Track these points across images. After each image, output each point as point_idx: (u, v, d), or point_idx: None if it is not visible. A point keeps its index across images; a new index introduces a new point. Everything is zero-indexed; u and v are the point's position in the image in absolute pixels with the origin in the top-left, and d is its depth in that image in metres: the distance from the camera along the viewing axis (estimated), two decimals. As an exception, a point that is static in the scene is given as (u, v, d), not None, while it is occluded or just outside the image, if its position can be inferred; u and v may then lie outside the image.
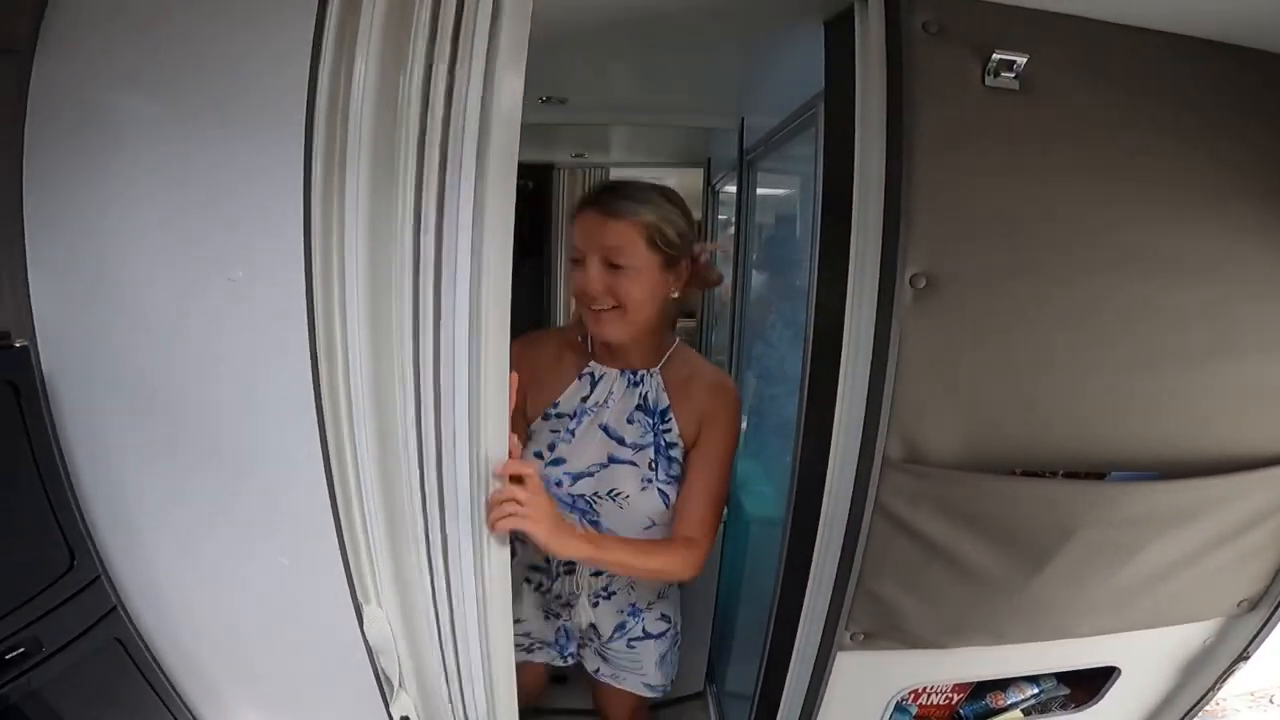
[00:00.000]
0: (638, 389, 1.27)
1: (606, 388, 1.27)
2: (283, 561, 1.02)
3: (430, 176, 0.87)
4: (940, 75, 0.97)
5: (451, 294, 0.89)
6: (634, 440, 1.26)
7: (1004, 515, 1.05)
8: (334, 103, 0.84)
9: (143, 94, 0.87)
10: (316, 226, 0.84)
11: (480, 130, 0.86)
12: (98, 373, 0.93)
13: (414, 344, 0.92)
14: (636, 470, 1.25)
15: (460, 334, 0.91)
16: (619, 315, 1.17)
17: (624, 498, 1.25)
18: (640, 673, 1.46)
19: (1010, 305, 1.01)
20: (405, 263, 0.88)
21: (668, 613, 1.44)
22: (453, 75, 0.87)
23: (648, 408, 1.26)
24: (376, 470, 0.97)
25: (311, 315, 0.85)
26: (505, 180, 0.90)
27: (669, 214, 1.18)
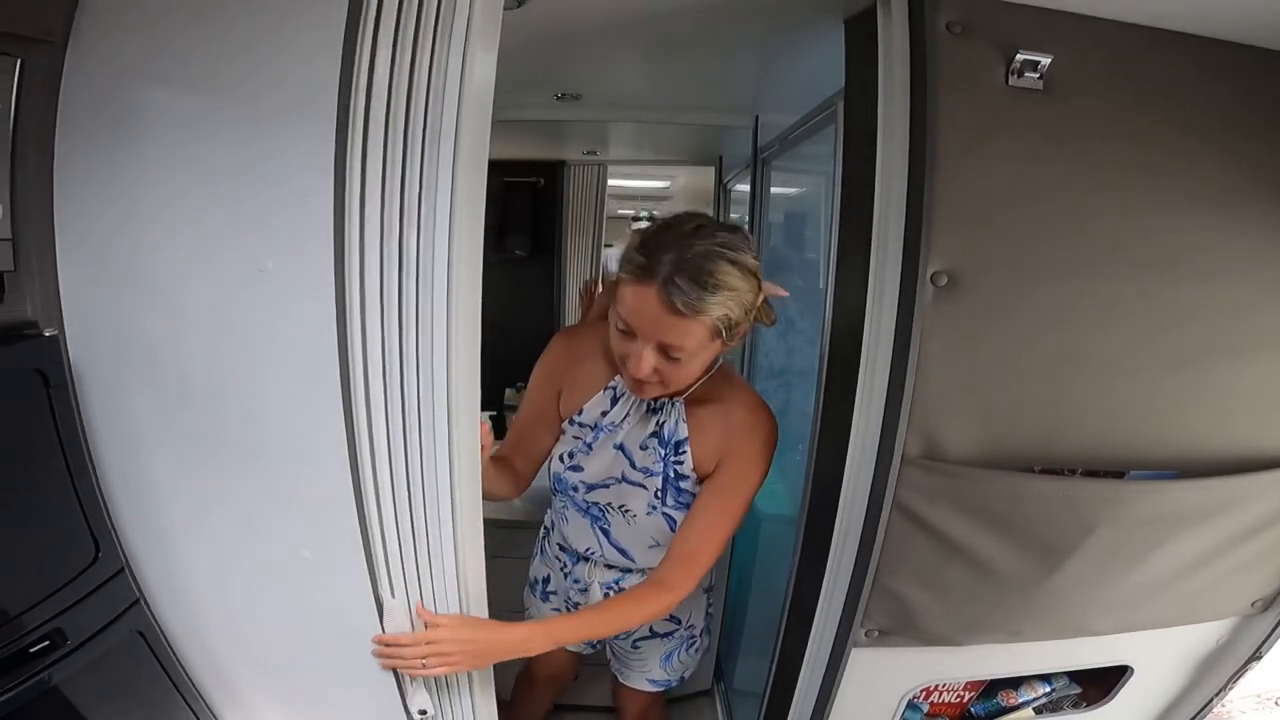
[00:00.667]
0: (654, 416, 1.20)
1: (625, 408, 1.22)
2: (305, 555, 1.02)
3: (398, 154, 0.86)
4: (964, 75, 0.98)
5: (429, 288, 0.89)
6: (644, 465, 1.23)
7: (1022, 513, 1.05)
8: (366, 95, 0.84)
9: (174, 86, 0.87)
10: (347, 217, 0.84)
11: (458, 109, 0.86)
12: (125, 364, 0.93)
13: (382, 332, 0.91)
14: (645, 493, 1.25)
15: (438, 323, 0.91)
16: (660, 386, 1.09)
17: (632, 516, 1.28)
18: (644, 669, 1.48)
19: (1031, 304, 1.01)
20: (379, 248, 0.88)
21: (676, 614, 1.43)
22: (431, 54, 0.86)
23: (663, 437, 1.20)
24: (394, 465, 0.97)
25: (341, 307, 0.86)
26: (477, 159, 0.89)
27: (741, 295, 1.00)
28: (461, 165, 0.86)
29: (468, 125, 0.87)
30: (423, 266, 0.88)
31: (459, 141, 0.86)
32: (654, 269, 0.97)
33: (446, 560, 1.02)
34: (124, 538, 0.99)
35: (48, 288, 0.87)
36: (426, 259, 0.87)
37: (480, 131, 0.89)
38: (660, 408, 1.20)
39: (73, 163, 0.86)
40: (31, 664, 0.86)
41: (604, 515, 1.30)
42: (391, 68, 0.84)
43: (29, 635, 0.85)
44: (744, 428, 1.17)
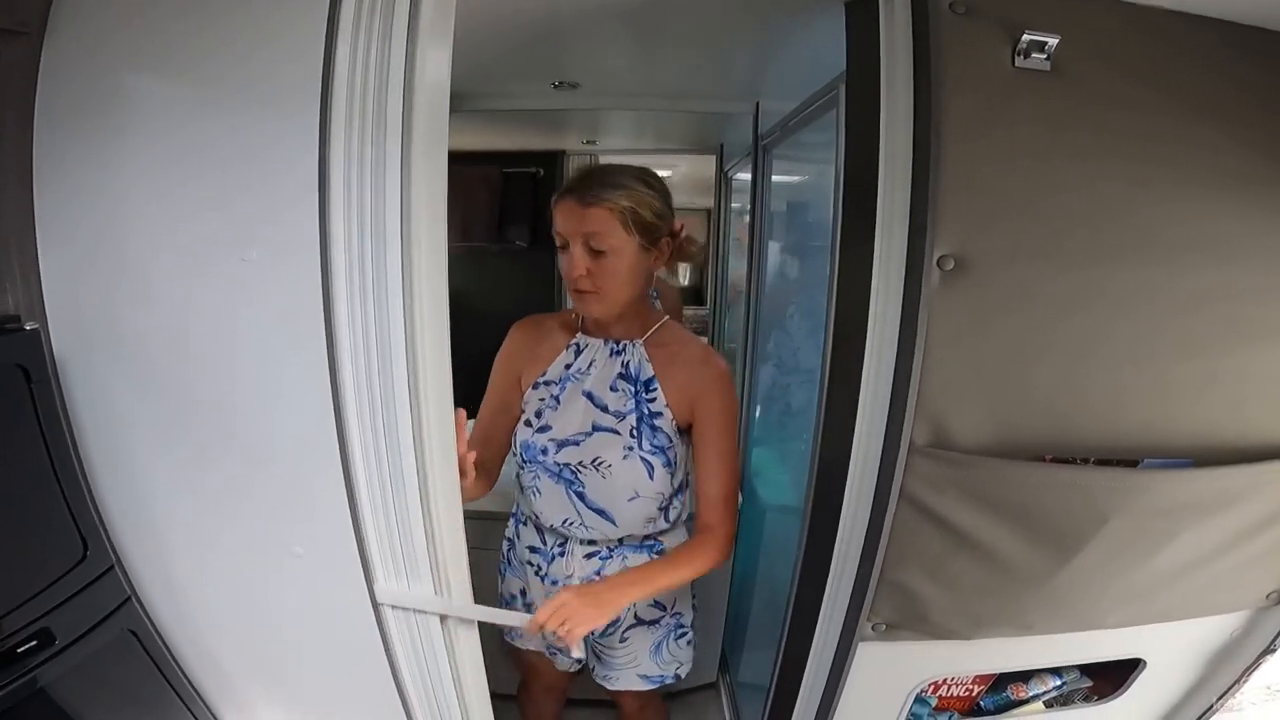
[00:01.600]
0: (619, 357, 1.30)
1: (589, 356, 1.31)
2: (298, 552, 1.00)
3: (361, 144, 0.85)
4: (969, 57, 0.95)
5: (384, 277, 0.88)
6: (616, 408, 1.28)
7: (1033, 503, 1.03)
8: (350, 83, 0.82)
9: (152, 77, 0.86)
10: (331, 205, 0.82)
11: (407, 102, 0.85)
12: (111, 357, 0.91)
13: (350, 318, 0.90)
14: (619, 439, 1.27)
15: (395, 310, 0.89)
16: (601, 296, 1.22)
17: (607, 467, 1.27)
18: (634, 665, 1.44)
19: (1040, 288, 0.99)
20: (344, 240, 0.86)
21: (661, 600, 1.41)
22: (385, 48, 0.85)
23: (630, 375, 1.29)
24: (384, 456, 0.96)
25: (327, 295, 0.84)
26: (435, 152, 0.89)
27: (644, 197, 1.21)
28: (417, 155, 0.86)
29: (421, 116, 0.86)
30: (377, 258, 0.87)
31: (412, 132, 0.85)
32: (567, 189, 1.21)
33: (435, 553, 1.01)
34: (114, 535, 0.98)
35: (29, 281, 0.86)
36: (380, 251, 0.87)
37: (437, 122, 0.88)
38: (623, 349, 1.30)
39: (53, 155, 0.85)
40: (20, 663, 0.85)
41: (576, 477, 1.29)
42: (354, 59, 0.83)
43: (16, 635, 0.84)
44: (706, 365, 1.30)
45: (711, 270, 2.81)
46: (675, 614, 1.45)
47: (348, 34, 0.83)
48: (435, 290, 0.92)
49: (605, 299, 1.23)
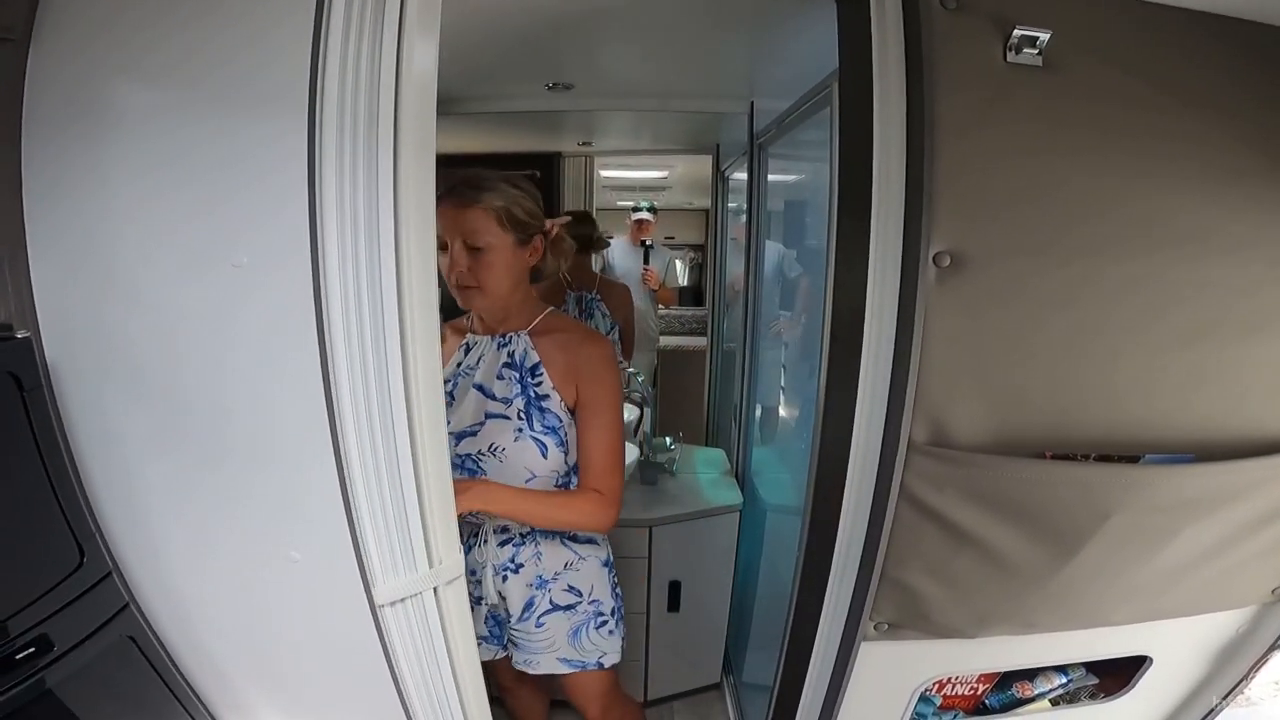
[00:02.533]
0: (505, 349, 1.37)
1: (478, 352, 1.39)
2: (294, 556, 1.00)
3: (349, 144, 0.85)
4: (960, 52, 0.95)
5: (377, 275, 0.88)
6: (504, 395, 1.35)
7: (1034, 500, 1.02)
8: (341, 79, 0.82)
9: (138, 80, 0.85)
10: (324, 206, 0.82)
11: (398, 96, 0.86)
12: (103, 364, 0.91)
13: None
14: (509, 423, 1.34)
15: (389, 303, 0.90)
16: (483, 290, 1.30)
17: (501, 451, 1.34)
18: (552, 649, 1.45)
19: (1038, 284, 0.99)
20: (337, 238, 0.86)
21: (575, 585, 1.44)
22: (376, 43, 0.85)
23: (515, 364, 1.36)
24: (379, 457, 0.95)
25: (319, 299, 0.84)
26: (424, 147, 0.89)
27: (516, 197, 1.30)
28: (405, 152, 0.86)
29: (410, 110, 0.86)
30: (370, 258, 0.87)
31: (400, 128, 0.86)
32: (443, 193, 1.23)
33: (429, 537, 1.03)
34: (112, 541, 0.98)
35: (20, 289, 0.85)
36: (374, 251, 0.87)
37: (426, 116, 0.89)
38: (509, 341, 1.37)
39: (41, 160, 0.84)
40: (19, 669, 0.84)
41: (478, 465, 1.35)
42: (344, 53, 0.83)
43: (14, 641, 0.84)
44: (585, 344, 1.36)
45: (710, 271, 2.81)
46: (593, 601, 1.46)
47: (339, 27, 0.82)
48: (424, 289, 0.92)
49: (487, 293, 1.30)
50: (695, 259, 3.67)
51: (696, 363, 2.80)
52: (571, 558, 1.43)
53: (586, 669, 1.48)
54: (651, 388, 2.38)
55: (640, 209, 3.24)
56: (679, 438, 2.32)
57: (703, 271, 3.46)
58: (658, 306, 3.11)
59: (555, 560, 1.42)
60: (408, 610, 1.04)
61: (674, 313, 3.57)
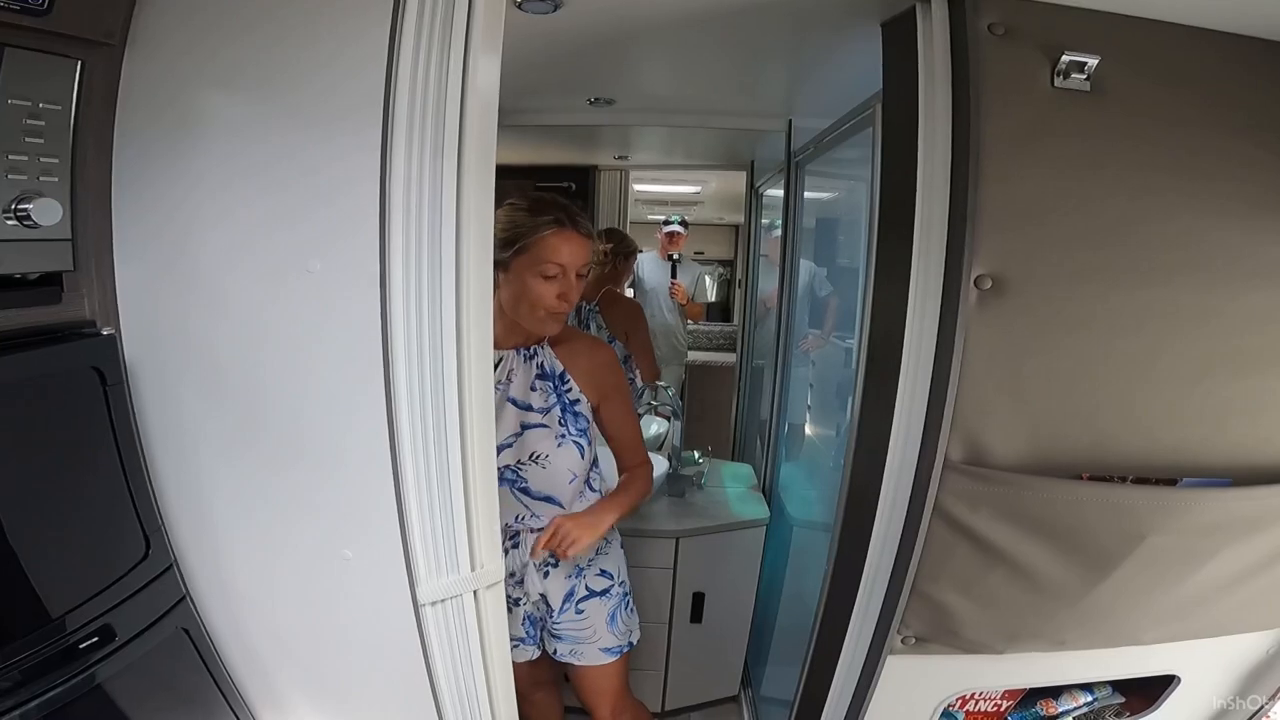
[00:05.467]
0: (534, 360, 1.43)
1: (506, 366, 1.42)
2: (347, 555, 1.03)
3: (417, 158, 0.89)
4: (1008, 77, 0.97)
5: (437, 285, 0.92)
6: (540, 405, 1.41)
7: (1069, 521, 1.03)
8: (411, 94, 0.86)
9: (231, 94, 0.90)
10: (388, 220, 0.86)
11: (464, 111, 0.90)
12: (183, 364, 0.95)
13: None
14: (548, 430, 1.41)
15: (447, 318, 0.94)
16: (565, 315, 1.38)
17: (544, 458, 1.41)
18: (594, 639, 1.51)
19: (1078, 307, 1.00)
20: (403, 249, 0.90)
21: (606, 568, 1.52)
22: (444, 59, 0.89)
23: (546, 374, 1.43)
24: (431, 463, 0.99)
25: (384, 310, 0.87)
26: (485, 161, 0.93)
27: None
28: (468, 166, 0.90)
29: (474, 125, 0.90)
30: (432, 266, 0.91)
31: (464, 143, 0.90)
32: (564, 218, 1.31)
33: (473, 539, 1.06)
34: (173, 535, 1.01)
35: (105, 287, 0.90)
36: (435, 258, 0.91)
37: (488, 131, 0.93)
38: (534, 353, 1.43)
39: (130, 165, 0.89)
40: (80, 660, 0.87)
41: (517, 474, 1.41)
42: (414, 69, 0.88)
43: (79, 632, 0.87)
44: (599, 350, 1.51)
45: (741, 286, 2.83)
46: (622, 582, 1.55)
47: (410, 45, 0.87)
48: (481, 300, 0.96)
49: (567, 316, 1.39)
50: (723, 274, 3.69)
51: (724, 378, 2.82)
52: (600, 543, 1.50)
53: (622, 652, 1.54)
54: (679, 401, 2.39)
55: (671, 222, 3.27)
56: (707, 452, 2.34)
57: (730, 287, 3.47)
58: (686, 321, 3.14)
59: (589, 549, 1.47)
60: (447, 611, 1.07)
61: (702, 328, 3.59)
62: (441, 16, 0.88)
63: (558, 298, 1.33)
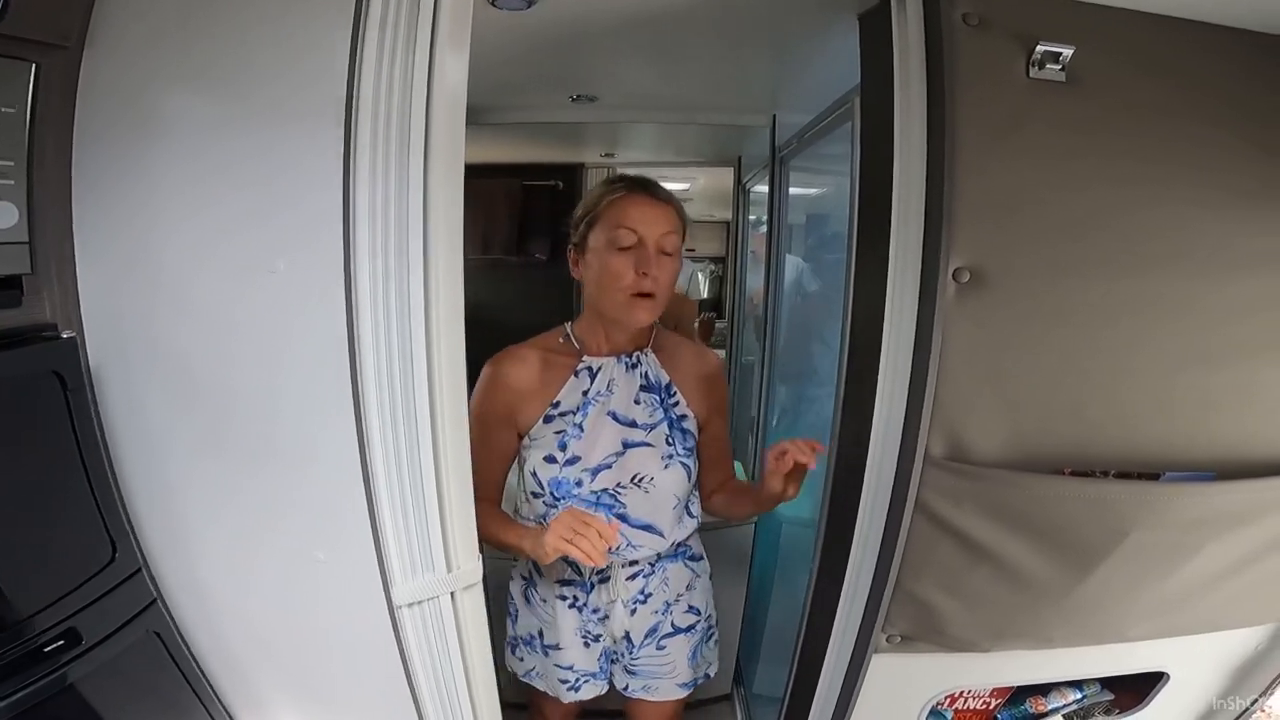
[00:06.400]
0: (637, 370, 1.28)
1: (606, 376, 1.27)
2: (319, 557, 1.02)
3: (381, 158, 0.87)
4: (982, 68, 0.96)
5: (405, 284, 0.90)
6: (645, 420, 1.26)
7: (1053, 516, 1.02)
8: (375, 94, 0.85)
9: (193, 94, 0.88)
10: (353, 219, 0.85)
11: (429, 110, 0.88)
12: (143, 364, 0.94)
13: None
14: (654, 450, 1.25)
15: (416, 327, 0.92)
16: (656, 300, 1.20)
17: (649, 480, 1.25)
18: (672, 674, 1.41)
19: (1056, 299, 0.99)
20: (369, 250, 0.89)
21: (695, 604, 1.41)
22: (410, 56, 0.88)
23: (651, 385, 1.28)
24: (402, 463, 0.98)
25: (350, 309, 0.86)
26: (453, 161, 0.91)
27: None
28: (435, 166, 0.88)
29: (441, 125, 0.89)
30: (399, 265, 0.90)
31: (431, 141, 0.88)
32: (635, 184, 1.20)
33: (448, 539, 1.04)
34: (142, 538, 1.00)
35: (66, 290, 0.88)
36: (402, 257, 0.89)
37: (456, 130, 0.91)
38: (637, 361, 1.28)
39: (91, 166, 0.88)
40: (46, 662, 0.86)
41: (616, 499, 1.25)
42: (379, 68, 0.86)
43: (45, 634, 0.86)
44: (705, 357, 1.37)
45: (730, 283, 2.82)
46: (708, 616, 1.44)
47: (374, 44, 0.85)
48: (451, 298, 0.94)
49: (658, 304, 1.21)
50: (716, 271, 3.68)
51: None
52: (691, 577, 1.40)
53: (696, 685, 1.46)
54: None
55: None
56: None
57: (723, 284, 3.46)
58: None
59: (679, 582, 1.38)
60: (424, 613, 1.06)
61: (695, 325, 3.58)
62: (406, 15, 0.87)
63: (638, 274, 1.17)
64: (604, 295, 1.21)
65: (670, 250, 1.20)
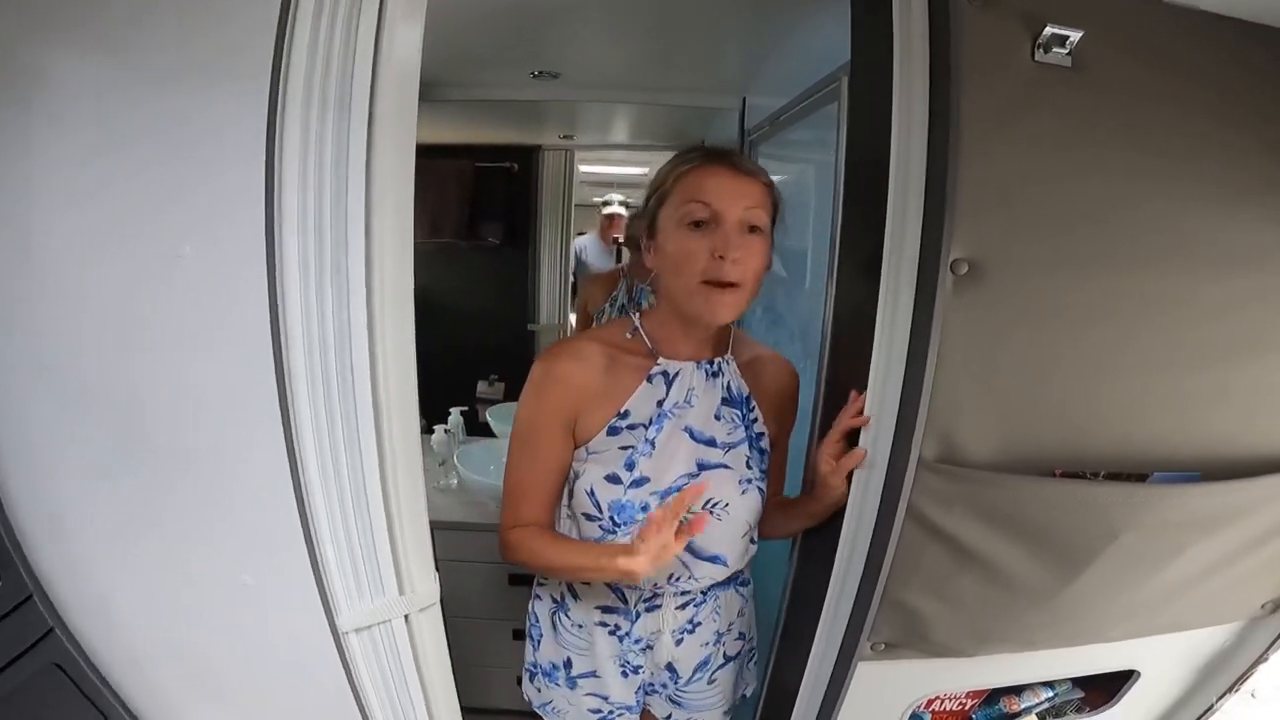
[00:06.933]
0: (718, 380, 1.10)
1: (685, 385, 1.08)
2: (247, 581, 0.92)
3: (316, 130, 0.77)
4: (988, 50, 0.90)
5: (342, 269, 0.80)
6: (725, 439, 1.09)
7: (1044, 519, 0.99)
8: (310, 62, 0.75)
9: (81, 54, 0.75)
10: (280, 207, 0.75)
11: (375, 83, 0.78)
12: (28, 373, 0.80)
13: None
14: (732, 473, 1.09)
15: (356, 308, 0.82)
16: (739, 292, 1.01)
17: (723, 507, 1.09)
18: (719, 705, 1.29)
19: (1053, 294, 0.95)
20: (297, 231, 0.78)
21: (744, 630, 1.29)
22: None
23: (733, 399, 1.11)
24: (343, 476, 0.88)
25: (274, 296, 0.76)
26: (403, 141, 0.82)
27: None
28: (381, 146, 0.79)
29: (389, 99, 0.79)
30: (336, 254, 0.79)
31: (377, 114, 0.78)
32: (711, 154, 1.02)
33: (399, 560, 0.95)
34: (36, 564, 0.87)
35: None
36: (340, 246, 0.79)
37: (406, 106, 0.81)
38: (719, 370, 1.10)
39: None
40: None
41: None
42: (315, 34, 0.76)
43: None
44: (783, 364, 1.19)
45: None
46: (751, 639, 1.33)
47: (309, 6, 0.74)
48: (398, 283, 0.84)
49: (743, 296, 1.02)
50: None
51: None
52: (742, 603, 1.27)
53: (732, 705, 1.33)
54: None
55: (611, 202, 2.94)
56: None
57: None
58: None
59: (730, 610, 1.24)
60: (375, 638, 0.97)
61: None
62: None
63: (715, 257, 0.98)
64: (677, 285, 1.02)
65: (758, 226, 1.01)
